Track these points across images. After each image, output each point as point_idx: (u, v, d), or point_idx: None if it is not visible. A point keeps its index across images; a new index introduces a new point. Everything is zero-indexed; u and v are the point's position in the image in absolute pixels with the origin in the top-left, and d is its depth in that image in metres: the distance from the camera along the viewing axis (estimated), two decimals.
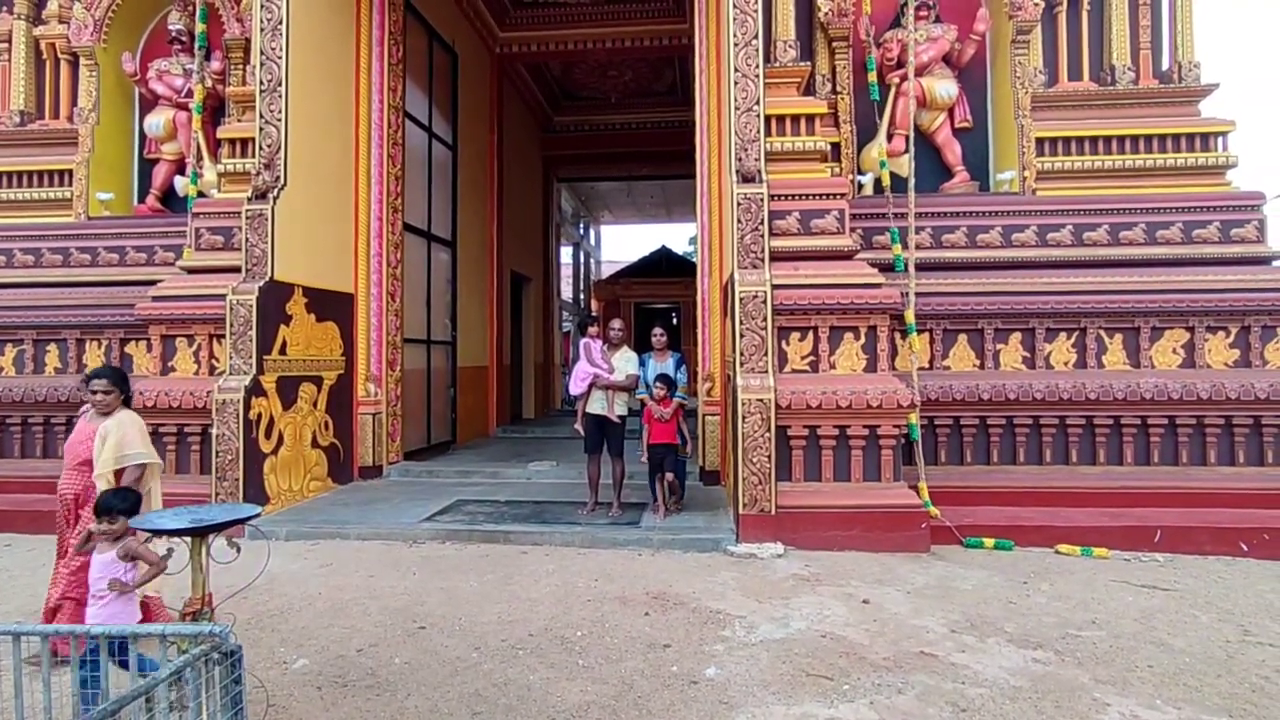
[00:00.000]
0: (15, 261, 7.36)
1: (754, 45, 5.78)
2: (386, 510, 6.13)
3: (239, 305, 5.88)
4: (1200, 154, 6.54)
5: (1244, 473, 5.95)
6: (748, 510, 5.25)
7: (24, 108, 7.72)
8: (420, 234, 8.67)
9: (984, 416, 6.13)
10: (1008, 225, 6.52)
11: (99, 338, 7.01)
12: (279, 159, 6.19)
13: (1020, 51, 6.81)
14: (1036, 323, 6.26)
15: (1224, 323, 6.15)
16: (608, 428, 6.00)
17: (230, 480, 5.66)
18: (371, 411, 7.45)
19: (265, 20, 6.28)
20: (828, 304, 5.55)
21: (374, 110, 7.64)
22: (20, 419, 6.89)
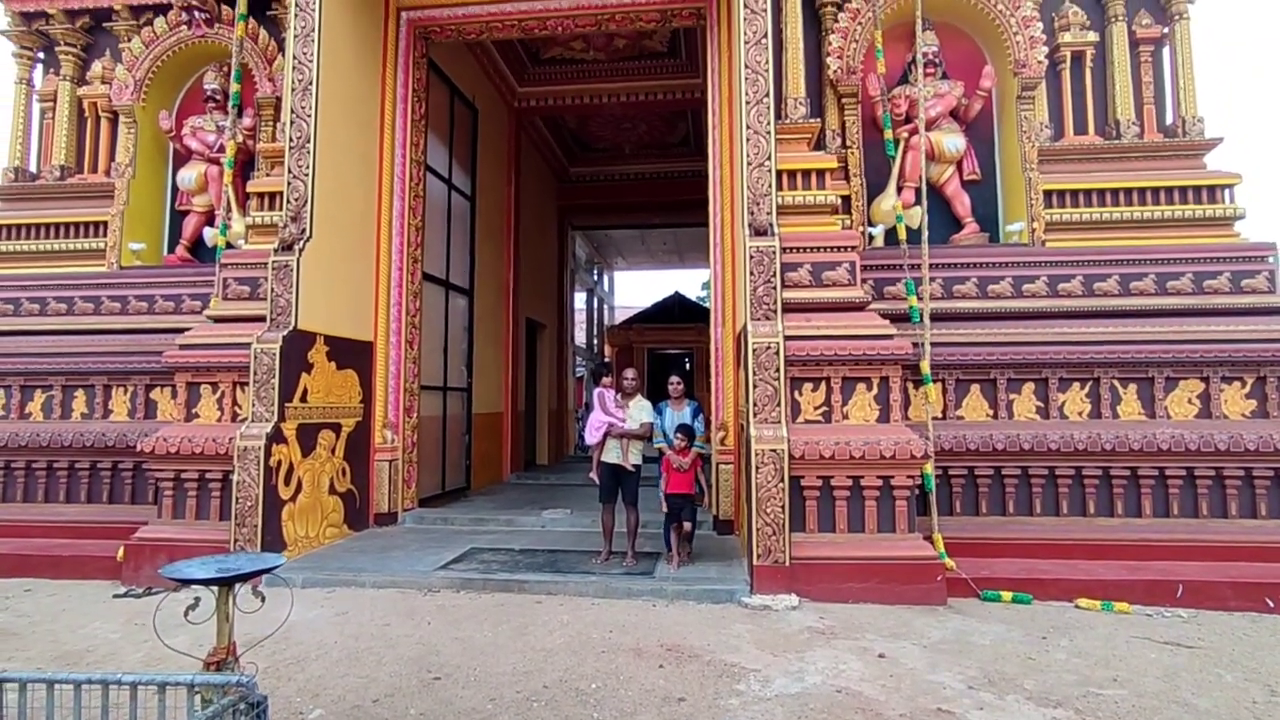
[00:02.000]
0: (49, 310, 7.58)
1: (765, 103, 5.97)
2: (402, 558, 6.16)
3: (263, 354, 6.03)
4: (1208, 206, 6.62)
5: (1266, 525, 5.87)
6: (762, 561, 5.24)
7: (64, 162, 8.05)
8: (438, 282, 8.86)
9: (999, 467, 6.11)
10: (1018, 276, 6.60)
11: (125, 384, 7.17)
12: (305, 212, 6.41)
13: (1026, 107, 6.97)
14: (1049, 373, 6.28)
15: (1240, 373, 6.14)
16: (623, 477, 6.04)
17: (249, 527, 5.73)
18: (388, 458, 7.52)
19: (296, 81, 6.56)
20: (840, 355, 5.61)
21: (397, 164, 7.90)
22: (45, 464, 7.02)
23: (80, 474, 6.99)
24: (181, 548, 5.93)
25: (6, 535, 6.68)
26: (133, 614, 5.16)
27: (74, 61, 8.21)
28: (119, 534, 6.43)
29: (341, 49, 6.99)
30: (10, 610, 5.34)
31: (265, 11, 7.90)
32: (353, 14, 7.24)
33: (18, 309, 7.63)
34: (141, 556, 5.99)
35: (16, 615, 5.22)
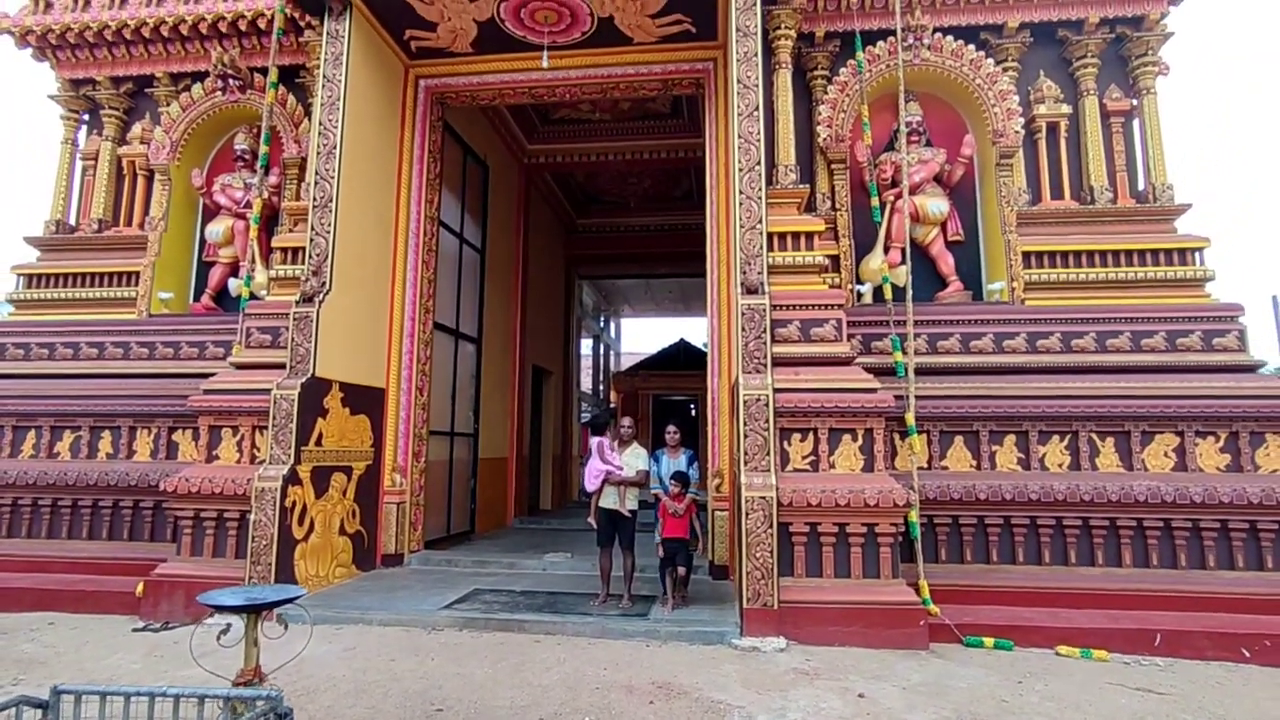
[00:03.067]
0: (81, 354, 8.00)
1: (757, 170, 6.41)
2: (407, 598, 6.40)
3: (282, 399, 6.39)
4: (1179, 268, 6.97)
5: (1244, 577, 6.06)
6: (751, 604, 5.47)
7: (102, 216, 8.57)
8: (449, 331, 9.27)
9: (982, 516, 6.35)
10: (999, 333, 6.93)
11: (150, 426, 7.53)
12: (326, 266, 6.84)
13: (1005, 173, 7.41)
14: (1030, 425, 6.56)
15: (1213, 428, 6.40)
16: (619, 522, 6.30)
17: (264, 565, 6.01)
18: (396, 501, 7.81)
19: (321, 145, 7.07)
20: (826, 407, 5.92)
21: (412, 220, 8.38)
22: (71, 501, 7.34)
23: (103, 512, 7.30)
24: (198, 584, 6.20)
25: (31, 570, 6.97)
26: (151, 647, 5.42)
27: (116, 123, 8.80)
28: (138, 570, 6.73)
29: (364, 115, 7.52)
30: (37, 642, 5.60)
31: (294, 79, 8.50)
32: (375, 82, 7.80)
33: (52, 353, 8.06)
34: (160, 592, 6.26)
35: (43, 646, 5.49)
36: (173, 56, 8.67)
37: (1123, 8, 7.41)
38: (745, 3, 6.66)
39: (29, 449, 7.68)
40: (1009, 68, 7.61)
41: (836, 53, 7.84)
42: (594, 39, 7.90)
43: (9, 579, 6.79)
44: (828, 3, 7.69)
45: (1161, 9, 7.34)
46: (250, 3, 8.31)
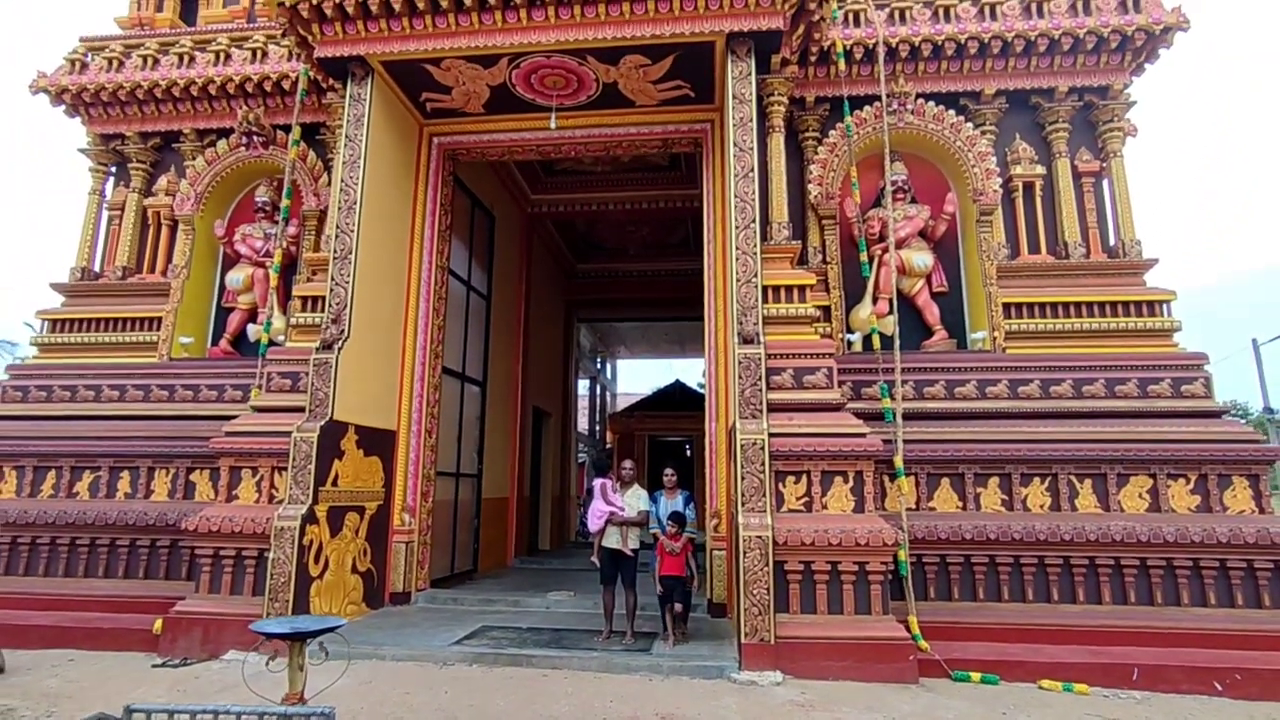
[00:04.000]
0: (103, 396, 8.31)
1: (752, 228, 6.85)
2: (418, 634, 6.64)
3: (302, 441, 6.70)
4: (1148, 319, 7.41)
5: (1215, 614, 6.37)
6: (749, 640, 5.74)
7: (126, 264, 8.96)
8: (455, 375, 9.62)
9: (968, 555, 6.66)
10: (981, 379, 7.33)
11: (168, 466, 7.81)
12: (345, 315, 7.22)
13: (984, 229, 7.89)
14: (1012, 468, 6.92)
15: (1184, 471, 6.77)
16: (622, 561, 6.59)
17: (281, 602, 6.25)
18: (405, 540, 8.06)
19: (342, 201, 7.50)
20: (819, 451, 6.27)
21: (424, 270, 8.78)
22: (89, 540, 7.57)
23: (120, 550, 7.53)
24: (216, 621, 6.46)
25: (50, 608, 7.17)
26: (174, 681, 5.65)
27: (143, 175, 9.25)
28: (154, 608, 6.93)
29: (382, 172, 7.97)
30: (60, 677, 5.81)
31: (315, 136, 8.98)
32: (392, 141, 8.27)
33: (74, 395, 8.36)
34: (178, 629, 6.48)
35: (67, 681, 5.70)
36: (199, 114, 9.15)
37: (1089, 78, 7.98)
38: (740, 72, 7.19)
39: (49, 488, 7.93)
40: (987, 131, 8.14)
41: (826, 116, 8.38)
42: (599, 102, 8.42)
43: (29, 616, 6.98)
44: (817, 70, 8.24)
45: (1124, 79, 7.92)
46: (275, 65, 8.83)
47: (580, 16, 7.14)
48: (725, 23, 7.06)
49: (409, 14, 7.26)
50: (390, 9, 7.23)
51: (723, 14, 7.02)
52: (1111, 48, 7.79)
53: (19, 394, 8.49)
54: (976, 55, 8.01)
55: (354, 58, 7.57)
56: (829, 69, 8.15)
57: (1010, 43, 7.85)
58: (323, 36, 7.51)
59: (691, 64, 7.71)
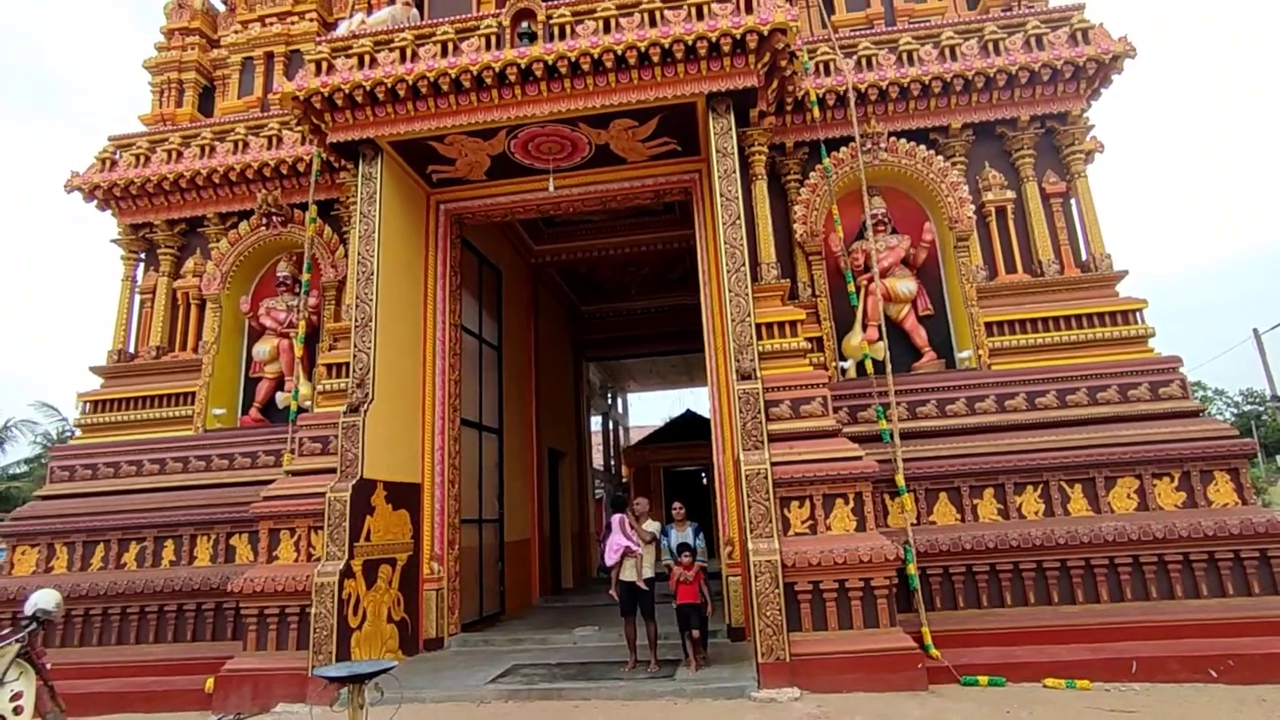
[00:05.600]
0: (144, 470, 8.82)
1: (743, 271, 7.36)
2: (453, 676, 7.02)
3: (336, 501, 7.16)
4: (1123, 328, 7.83)
5: (1209, 604, 6.68)
6: (766, 659, 6.11)
7: (160, 343, 9.55)
8: (473, 426, 10.09)
9: (969, 565, 7.01)
10: (970, 396, 7.74)
11: (209, 533, 8.28)
12: (369, 379, 7.73)
13: (962, 254, 8.36)
14: (1005, 479, 7.29)
15: (1167, 469, 7.13)
16: (639, 593, 6.97)
17: (324, 654, 6.65)
18: (435, 588, 8.47)
19: (360, 273, 8.06)
20: (819, 476, 6.68)
21: (438, 329, 9.32)
22: (139, 608, 8.03)
23: (168, 616, 7.98)
24: (265, 677, 6.87)
25: (105, 675, 7.59)
26: None
27: (171, 259, 9.89)
28: (203, 669, 7.36)
29: (395, 242, 8.54)
30: None
31: (330, 211, 9.60)
32: (403, 212, 8.86)
33: (117, 471, 8.88)
34: (229, 686, 6.89)
35: None
36: (221, 199, 9.80)
37: (1049, 106, 8.51)
38: (721, 128, 7.76)
39: (98, 561, 8.42)
40: (957, 162, 8.66)
41: (806, 158, 8.92)
42: (592, 161, 9.01)
43: (86, 685, 7.37)
44: (794, 118, 8.80)
45: (1081, 105, 8.45)
46: (290, 150, 9.48)
47: (570, 89, 7.75)
48: (704, 85, 7.65)
49: (413, 98, 7.90)
50: (396, 95, 7.86)
51: (701, 77, 7.61)
52: (1066, 78, 8.33)
53: (65, 473, 9.02)
54: (941, 94, 8.56)
55: (364, 140, 8.20)
56: (805, 115, 8.71)
57: (971, 80, 8.41)
58: (334, 123, 8.15)
59: (676, 122, 8.30)
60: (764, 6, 7.50)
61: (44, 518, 8.67)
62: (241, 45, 10.74)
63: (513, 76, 7.65)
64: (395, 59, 7.92)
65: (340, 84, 7.84)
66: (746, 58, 7.52)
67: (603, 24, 7.68)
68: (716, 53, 7.49)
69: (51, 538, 8.53)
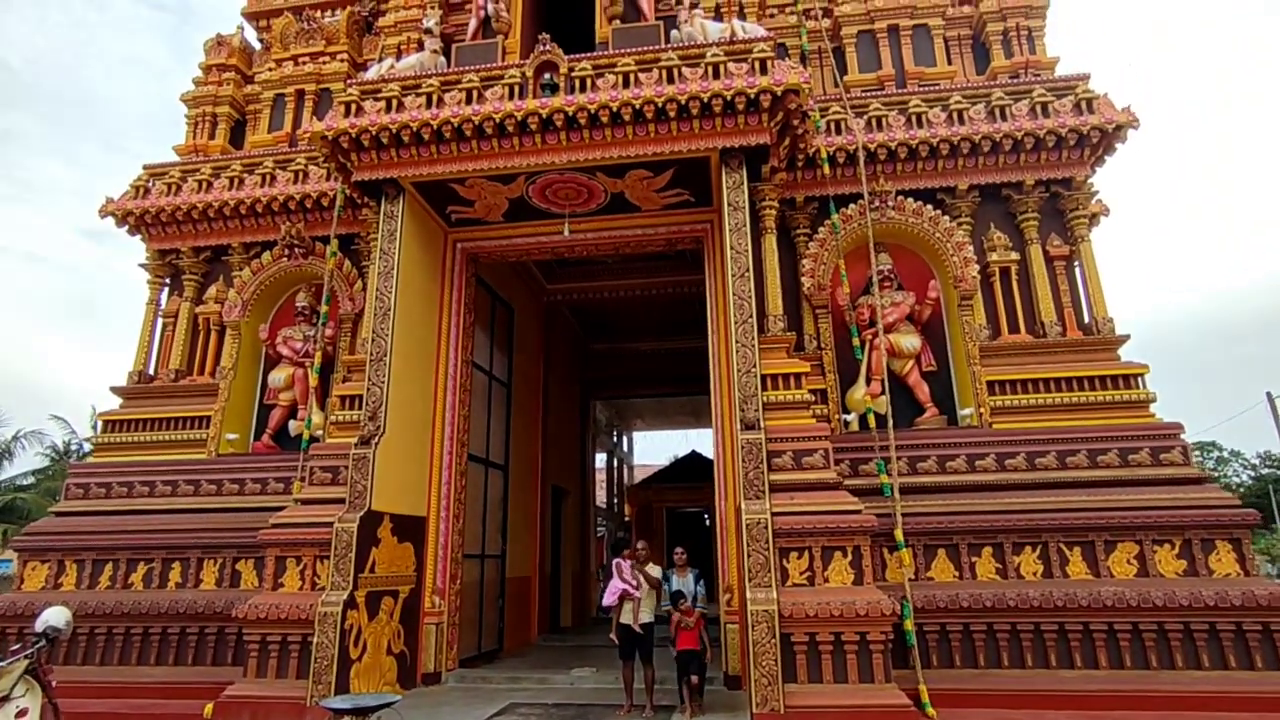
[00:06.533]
0: (157, 491, 8.99)
1: (750, 323, 7.53)
2: (451, 712, 7.05)
3: (343, 531, 7.28)
4: (1124, 392, 7.91)
5: (1211, 676, 6.66)
6: (760, 710, 6.12)
7: (179, 367, 9.79)
8: (480, 461, 10.22)
9: (967, 623, 7.03)
10: (970, 454, 7.82)
11: (216, 557, 8.40)
12: (381, 413, 7.90)
13: (966, 312, 8.51)
14: (1004, 537, 7.34)
15: (1168, 536, 7.15)
16: (637, 637, 7.02)
17: (324, 684, 6.71)
18: (435, 622, 8.52)
19: (377, 308, 8.29)
20: (819, 528, 6.76)
21: (450, 365, 9.51)
22: (142, 629, 8.12)
23: (170, 638, 8.07)
24: (264, 704, 6.93)
25: (106, 695, 7.65)
26: None
27: (194, 285, 10.18)
28: (202, 693, 7.41)
29: (412, 279, 8.77)
30: None
31: (350, 245, 9.89)
32: (420, 250, 9.12)
33: (130, 490, 9.05)
34: (228, 712, 6.95)
35: None
36: (246, 229, 10.11)
37: (1053, 171, 8.73)
38: (734, 183, 8.00)
39: (106, 580, 8.55)
40: (963, 222, 8.86)
41: (815, 213, 9.15)
42: (608, 208, 9.27)
43: (87, 704, 7.41)
44: (805, 173, 9.06)
45: (1085, 172, 8.66)
46: (314, 185, 9.81)
47: (589, 139, 8.04)
48: (718, 140, 7.92)
49: (437, 141, 8.20)
50: (420, 138, 8.17)
51: (715, 133, 7.89)
52: (1070, 145, 8.56)
53: (80, 491, 9.20)
54: (948, 155, 8.80)
55: (387, 180, 8.50)
56: (815, 172, 8.95)
57: (978, 144, 8.65)
58: (360, 162, 8.46)
59: (690, 174, 8.57)
60: (778, 68, 7.80)
61: (56, 534, 8.82)
62: (274, 82, 11.16)
63: (534, 125, 7.95)
64: (421, 104, 8.25)
65: (367, 125, 8.16)
66: (760, 116, 7.79)
67: (622, 78, 8.00)
68: (731, 110, 7.77)
69: (62, 554, 8.67)
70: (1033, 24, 9.63)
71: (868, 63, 9.97)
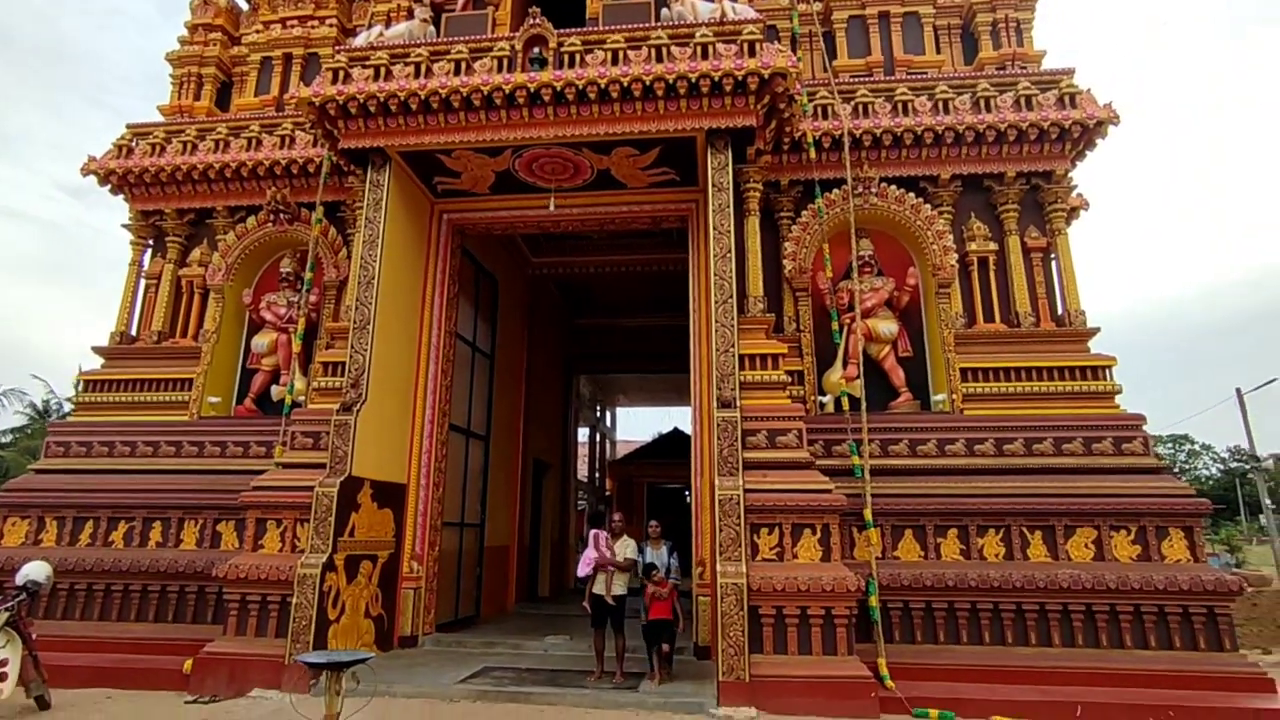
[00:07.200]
0: (138, 451, 9.04)
1: (730, 303, 7.65)
2: (426, 673, 7.23)
3: (323, 495, 7.39)
4: (1092, 383, 8.14)
5: (1158, 656, 6.95)
6: (726, 678, 6.35)
7: (161, 329, 9.79)
8: (461, 431, 10.34)
9: (929, 601, 7.28)
10: (941, 439, 8.03)
11: (197, 518, 8.49)
12: (363, 380, 7.98)
13: (943, 300, 8.68)
14: (969, 520, 7.57)
15: (1125, 523, 7.42)
16: (609, 607, 7.22)
17: (302, 643, 6.86)
18: (413, 586, 8.68)
19: (361, 276, 8.32)
20: (789, 505, 6.96)
21: (433, 335, 9.57)
22: (122, 586, 8.22)
23: (151, 596, 8.17)
24: (242, 662, 7.08)
25: (86, 650, 7.77)
26: (206, 716, 6.25)
27: (178, 248, 10.14)
28: (183, 650, 7.56)
29: (397, 248, 8.80)
30: (104, 712, 6.43)
31: (335, 213, 9.88)
32: (406, 219, 9.13)
33: (111, 450, 9.09)
34: (208, 669, 7.09)
35: (110, 717, 6.31)
36: (231, 193, 10.06)
37: (1035, 164, 8.86)
38: (719, 164, 8.07)
39: (86, 538, 8.61)
40: (944, 211, 8.99)
41: (799, 197, 9.25)
42: (594, 185, 9.31)
43: (70, 657, 7.54)
44: (790, 157, 9.14)
45: (1065, 166, 8.80)
46: (301, 151, 9.76)
47: (576, 115, 8.06)
48: (705, 121, 7.97)
49: (424, 112, 8.19)
50: (408, 108, 8.16)
51: (702, 114, 7.94)
52: (1052, 138, 8.69)
53: (61, 449, 9.23)
54: (933, 144, 8.90)
55: (374, 149, 8.49)
56: (801, 155, 9.04)
57: (962, 134, 8.76)
58: (346, 130, 8.44)
59: (676, 154, 8.62)
60: (767, 51, 7.84)
61: (36, 491, 8.86)
62: (261, 45, 11.04)
63: (521, 99, 7.97)
64: (410, 73, 8.22)
65: (355, 93, 8.14)
66: (747, 98, 7.84)
67: (611, 55, 8.01)
68: (719, 91, 7.81)
69: (42, 511, 8.72)
70: (1021, 16, 9.70)
71: (857, 48, 10.01)
